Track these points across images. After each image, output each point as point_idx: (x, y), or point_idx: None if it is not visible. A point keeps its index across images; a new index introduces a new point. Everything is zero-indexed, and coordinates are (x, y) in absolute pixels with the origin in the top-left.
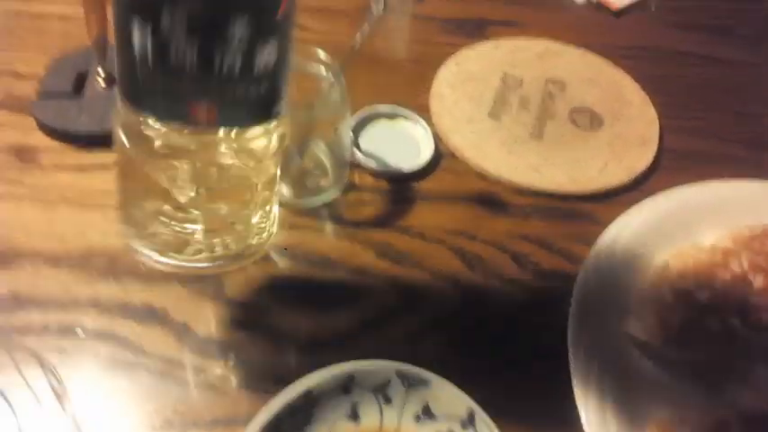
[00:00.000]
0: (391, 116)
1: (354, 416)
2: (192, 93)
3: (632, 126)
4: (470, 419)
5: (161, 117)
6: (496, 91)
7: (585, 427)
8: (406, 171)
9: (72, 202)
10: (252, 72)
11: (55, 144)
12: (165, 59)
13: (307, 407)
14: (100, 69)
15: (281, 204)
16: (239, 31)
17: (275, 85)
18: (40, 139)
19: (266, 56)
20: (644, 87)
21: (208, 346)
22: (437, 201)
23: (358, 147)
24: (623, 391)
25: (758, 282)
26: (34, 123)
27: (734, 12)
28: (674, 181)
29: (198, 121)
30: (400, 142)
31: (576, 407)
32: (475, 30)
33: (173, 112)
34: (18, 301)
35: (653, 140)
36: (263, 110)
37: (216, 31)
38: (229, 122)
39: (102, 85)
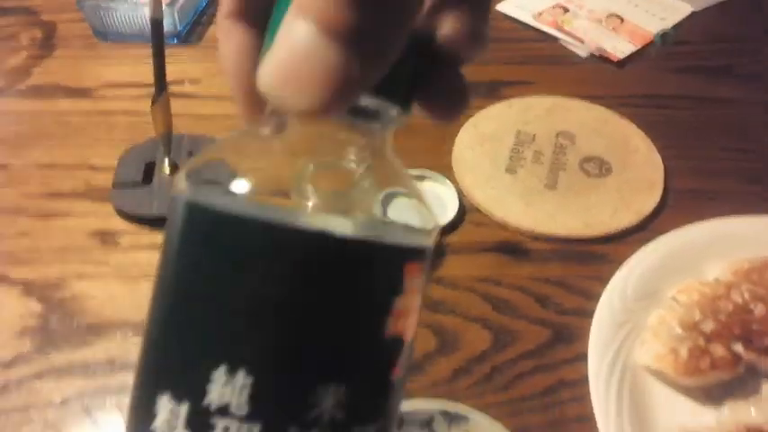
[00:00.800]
0: (418, 178)
1: None
2: None
3: (639, 171)
4: None
5: None
6: (511, 148)
7: None
8: None
9: (151, 277)
10: None
11: (132, 227)
12: None
13: None
14: (166, 159)
15: None
16: (330, 403)
17: None
18: (118, 224)
19: None
20: (648, 132)
21: None
22: (465, 252)
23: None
24: (639, 412)
25: (758, 310)
26: (112, 210)
27: (729, 53)
28: (679, 219)
29: None
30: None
31: (597, 426)
32: (489, 91)
33: None
34: (113, 366)
35: (659, 183)
36: None
37: (292, 401)
38: None
39: (168, 173)
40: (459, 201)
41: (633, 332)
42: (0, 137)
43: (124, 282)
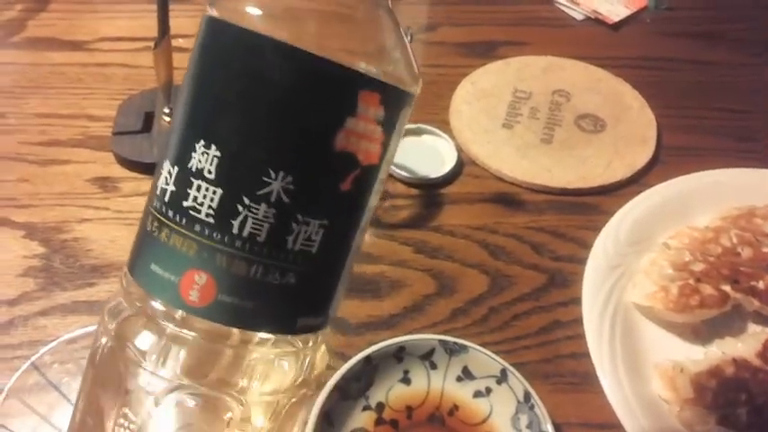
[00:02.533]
0: (417, 133)
1: (406, 380)
2: (196, 254)
3: (632, 127)
4: (504, 376)
5: (151, 290)
6: (508, 104)
7: (601, 376)
8: (433, 178)
9: None
10: (281, 248)
11: (132, 174)
12: (179, 199)
13: (367, 372)
14: (166, 109)
15: None
16: (277, 187)
17: (313, 282)
18: (118, 171)
19: (308, 235)
20: (642, 92)
21: None
22: (462, 203)
23: None
24: (631, 346)
25: (746, 253)
26: (112, 158)
27: (720, 19)
28: (671, 174)
29: (188, 302)
30: (426, 154)
31: (591, 362)
32: (485, 51)
33: (164, 280)
34: None
35: (652, 139)
36: (283, 312)
37: (248, 176)
38: (230, 316)
39: (168, 121)
40: (457, 154)
41: (625, 275)
42: None
43: (125, 226)
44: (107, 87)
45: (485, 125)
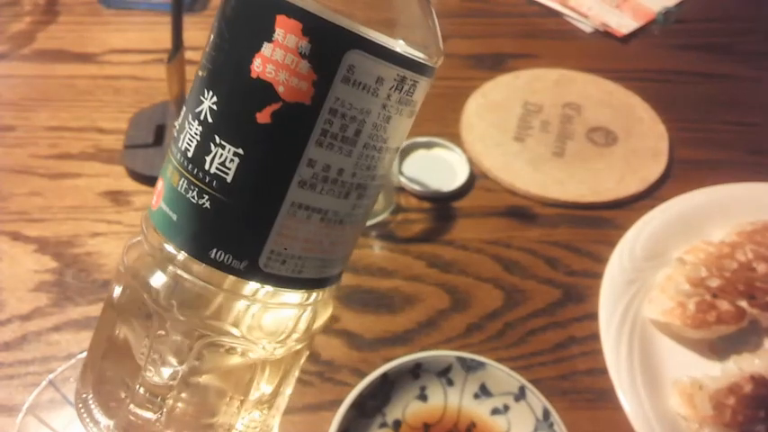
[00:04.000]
0: (428, 146)
1: (423, 397)
2: (164, 164)
3: (644, 141)
4: (522, 393)
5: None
6: (519, 117)
7: (620, 392)
8: (445, 192)
9: None
10: (201, 167)
11: (144, 188)
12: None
13: (384, 389)
14: (177, 122)
15: None
16: (206, 106)
17: (228, 215)
18: (130, 185)
19: (223, 160)
20: (652, 105)
21: None
22: (475, 216)
23: (402, 174)
24: (649, 362)
25: (761, 268)
26: (124, 171)
27: (728, 31)
28: (684, 187)
29: (151, 205)
30: (438, 168)
31: (608, 378)
32: (495, 64)
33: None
34: None
35: (663, 153)
36: (195, 234)
37: (195, 96)
38: (161, 224)
39: None
40: (469, 167)
41: (642, 290)
42: (6, 99)
43: None
44: (117, 100)
45: (496, 138)
